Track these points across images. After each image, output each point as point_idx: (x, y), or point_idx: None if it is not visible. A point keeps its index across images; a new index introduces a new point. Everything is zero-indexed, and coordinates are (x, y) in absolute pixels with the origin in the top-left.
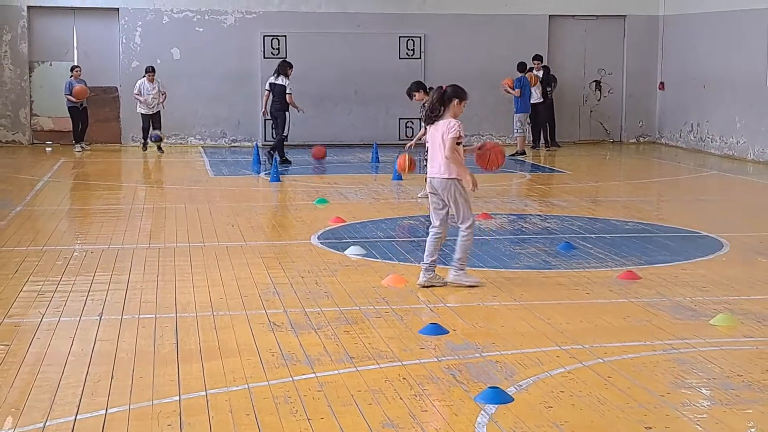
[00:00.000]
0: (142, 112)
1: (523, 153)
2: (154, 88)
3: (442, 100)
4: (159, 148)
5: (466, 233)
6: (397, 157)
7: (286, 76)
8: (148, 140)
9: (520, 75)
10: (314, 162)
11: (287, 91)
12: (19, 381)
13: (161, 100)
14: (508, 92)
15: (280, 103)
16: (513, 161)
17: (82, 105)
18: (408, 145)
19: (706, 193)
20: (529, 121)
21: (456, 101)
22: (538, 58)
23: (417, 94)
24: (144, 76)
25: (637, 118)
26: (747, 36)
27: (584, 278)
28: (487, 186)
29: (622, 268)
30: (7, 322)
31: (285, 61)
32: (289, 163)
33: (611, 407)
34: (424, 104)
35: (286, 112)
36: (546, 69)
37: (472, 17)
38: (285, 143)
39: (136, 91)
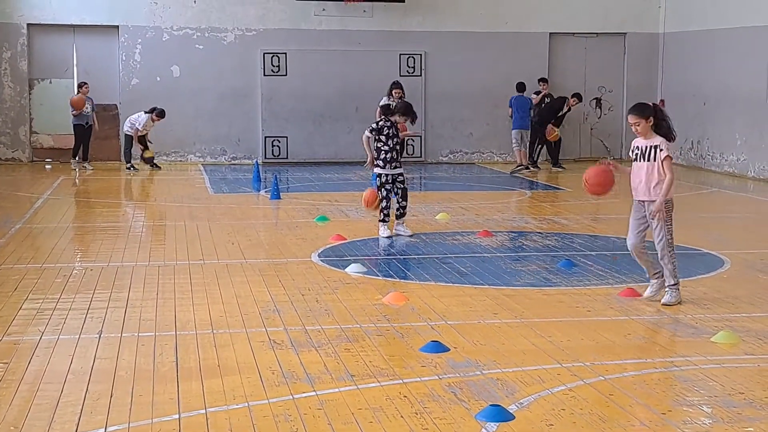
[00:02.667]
0: (129, 134)
1: (526, 168)
2: (152, 128)
3: None
4: (154, 165)
5: None
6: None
7: (387, 95)
8: (140, 161)
9: (518, 95)
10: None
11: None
12: (18, 399)
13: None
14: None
15: None
16: (514, 179)
17: (87, 123)
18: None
19: (707, 211)
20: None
21: None
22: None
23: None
24: (150, 113)
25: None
26: (747, 53)
27: (585, 295)
28: (487, 204)
29: (622, 286)
30: (7, 340)
31: (396, 81)
32: None
33: (613, 425)
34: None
35: None
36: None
37: (473, 35)
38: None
39: (140, 127)
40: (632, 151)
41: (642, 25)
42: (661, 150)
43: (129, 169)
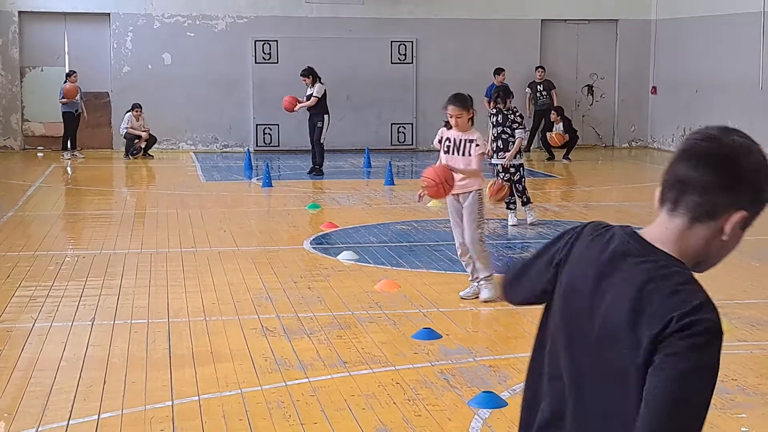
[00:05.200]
0: (123, 132)
1: None
2: (140, 125)
3: None
4: (147, 153)
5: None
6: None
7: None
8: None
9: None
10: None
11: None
12: (11, 386)
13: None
14: None
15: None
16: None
17: (77, 111)
18: None
19: None
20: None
21: None
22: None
23: None
24: (129, 111)
25: (630, 123)
26: (739, 40)
27: None
28: None
29: None
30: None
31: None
32: (318, 173)
33: None
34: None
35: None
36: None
37: (464, 22)
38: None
39: (128, 126)
40: (441, 143)
41: (634, 11)
42: (477, 145)
43: (126, 156)
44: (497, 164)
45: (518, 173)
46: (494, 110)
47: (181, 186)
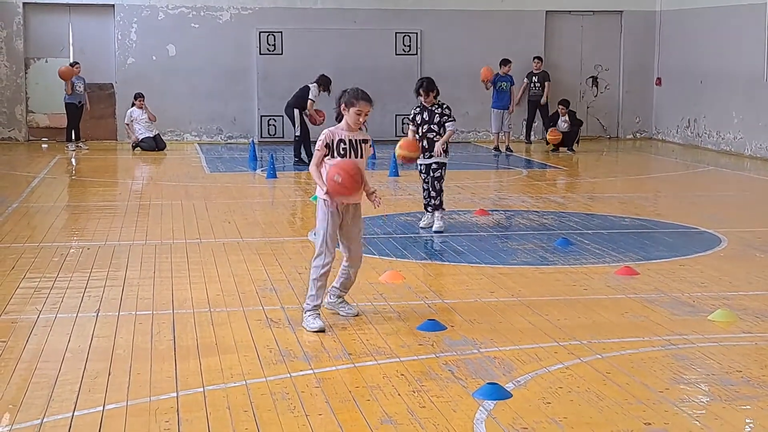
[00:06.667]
0: (143, 137)
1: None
2: (143, 113)
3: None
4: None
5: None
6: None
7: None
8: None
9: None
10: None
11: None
12: (16, 378)
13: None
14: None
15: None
16: (510, 157)
17: (80, 102)
18: None
19: (704, 189)
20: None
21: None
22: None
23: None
24: (133, 105)
25: (634, 114)
26: (744, 31)
27: (582, 274)
28: (483, 183)
29: (619, 264)
30: (4, 319)
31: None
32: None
33: (610, 403)
34: None
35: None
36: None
37: (469, 13)
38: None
39: (127, 121)
40: (334, 146)
41: (639, 2)
42: (371, 145)
43: (133, 149)
44: (422, 165)
45: (440, 171)
46: (417, 107)
47: (186, 177)
